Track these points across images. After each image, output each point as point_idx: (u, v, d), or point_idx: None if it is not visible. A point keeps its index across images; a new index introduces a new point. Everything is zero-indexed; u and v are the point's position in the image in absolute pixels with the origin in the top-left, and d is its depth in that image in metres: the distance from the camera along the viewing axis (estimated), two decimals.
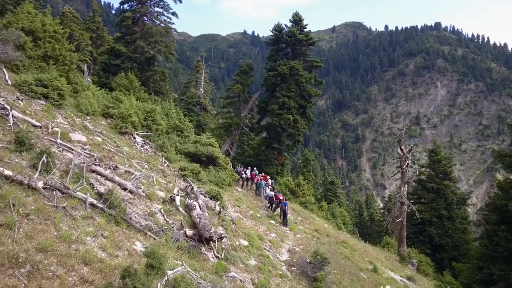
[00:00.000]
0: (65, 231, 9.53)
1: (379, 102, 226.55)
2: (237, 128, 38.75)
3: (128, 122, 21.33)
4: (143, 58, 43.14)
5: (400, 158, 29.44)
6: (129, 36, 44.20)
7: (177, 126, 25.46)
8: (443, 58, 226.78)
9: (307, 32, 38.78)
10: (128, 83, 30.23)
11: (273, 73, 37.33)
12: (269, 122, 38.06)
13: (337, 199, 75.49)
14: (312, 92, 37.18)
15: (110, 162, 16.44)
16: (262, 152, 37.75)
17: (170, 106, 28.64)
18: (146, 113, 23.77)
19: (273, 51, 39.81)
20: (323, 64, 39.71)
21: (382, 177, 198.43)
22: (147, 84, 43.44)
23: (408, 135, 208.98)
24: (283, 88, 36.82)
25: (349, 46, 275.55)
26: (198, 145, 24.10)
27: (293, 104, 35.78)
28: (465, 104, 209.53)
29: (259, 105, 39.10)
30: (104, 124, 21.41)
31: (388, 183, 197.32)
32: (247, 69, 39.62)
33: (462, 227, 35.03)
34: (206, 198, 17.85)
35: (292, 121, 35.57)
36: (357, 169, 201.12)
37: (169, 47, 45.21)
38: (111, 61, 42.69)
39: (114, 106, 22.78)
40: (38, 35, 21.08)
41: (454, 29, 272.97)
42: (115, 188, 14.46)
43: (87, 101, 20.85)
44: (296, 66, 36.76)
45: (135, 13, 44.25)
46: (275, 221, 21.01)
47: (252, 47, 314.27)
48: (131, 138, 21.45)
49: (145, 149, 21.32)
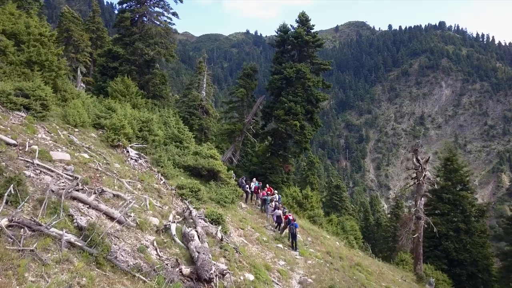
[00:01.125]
0: (31, 283, 7.38)
1: (383, 102, 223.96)
2: (241, 134, 36.60)
3: (121, 134, 19.19)
4: (142, 60, 41.05)
5: (415, 169, 27.19)
6: (127, 38, 42.10)
7: (176, 136, 23.34)
8: (447, 58, 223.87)
9: (314, 33, 36.55)
10: (124, 88, 28.12)
11: (279, 77, 35.11)
12: (274, 128, 35.88)
13: (343, 203, 73.37)
14: (319, 96, 34.93)
15: (97, 184, 14.29)
16: (267, 160, 35.57)
17: (168, 113, 26.55)
18: (142, 123, 21.64)
19: (278, 53, 37.58)
20: (331, 67, 37.50)
21: (386, 178, 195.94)
22: (146, 87, 41.34)
23: (413, 135, 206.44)
24: (289, 92, 34.61)
25: (353, 46, 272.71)
26: (198, 157, 21.95)
27: (299, 110, 33.57)
28: (470, 104, 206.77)
29: (264, 110, 36.92)
30: (94, 136, 19.29)
31: (392, 184, 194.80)
32: (251, 72, 37.42)
33: (481, 241, 32.63)
34: (206, 223, 15.67)
35: (299, 127, 33.36)
36: (361, 169, 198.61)
37: (170, 48, 43.08)
38: (108, 64, 40.62)
39: (106, 116, 20.66)
40: (22, 39, 18.99)
41: (459, 29, 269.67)
42: (100, 219, 12.36)
43: (75, 112, 18.72)
44: (303, 69, 34.54)
45: (133, 14, 42.14)
46: (283, 244, 18.83)
47: (255, 47, 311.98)
48: (124, 151, 19.33)
49: (140, 164, 19.19)
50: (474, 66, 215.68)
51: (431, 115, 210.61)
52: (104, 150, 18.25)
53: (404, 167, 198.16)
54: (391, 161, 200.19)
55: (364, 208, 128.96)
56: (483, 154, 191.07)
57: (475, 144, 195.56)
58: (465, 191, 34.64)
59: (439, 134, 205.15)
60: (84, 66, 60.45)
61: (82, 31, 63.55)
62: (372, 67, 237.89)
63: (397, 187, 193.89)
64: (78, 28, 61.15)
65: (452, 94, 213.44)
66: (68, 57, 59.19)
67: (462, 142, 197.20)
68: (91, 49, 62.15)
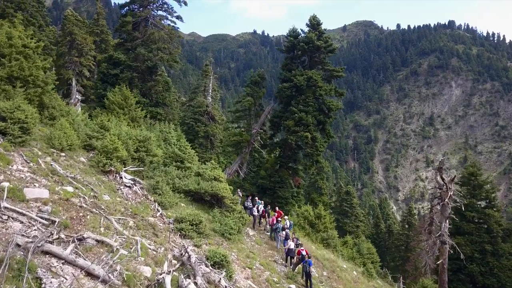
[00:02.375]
0: None
1: (392, 103, 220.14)
2: (248, 145, 34.27)
3: (114, 157, 16.95)
4: (144, 67, 38.90)
5: (440, 188, 24.64)
6: (129, 43, 40.02)
7: (177, 155, 21.07)
8: (457, 57, 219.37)
9: (325, 37, 34.03)
10: (123, 100, 25.91)
11: (288, 85, 32.66)
12: (284, 138, 33.50)
13: (353, 209, 70.81)
14: (332, 105, 32.42)
15: (78, 228, 12.02)
16: (276, 173, 33.17)
17: (169, 129, 24.29)
18: (139, 143, 19.39)
19: (287, 59, 35.11)
20: (344, 74, 34.98)
21: (395, 180, 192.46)
22: (148, 95, 39.21)
23: (422, 136, 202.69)
24: (299, 101, 32.17)
25: (361, 46, 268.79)
26: (201, 180, 19.63)
27: (311, 120, 31.11)
28: (481, 104, 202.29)
29: (272, 120, 34.53)
30: (83, 161, 17.08)
31: (401, 186, 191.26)
32: (259, 80, 35.02)
33: (510, 264, 29.82)
34: (207, 268, 13.32)
35: (310, 139, 30.90)
36: (370, 171, 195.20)
37: (173, 54, 40.91)
38: (109, 71, 38.57)
39: (99, 135, 18.45)
40: (3, 51, 16.83)
41: (469, 27, 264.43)
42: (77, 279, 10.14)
43: (62, 133, 16.51)
44: (314, 76, 32.06)
45: (136, 18, 40.00)
46: (296, 284, 16.47)
47: (262, 47, 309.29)
48: (116, 177, 17.09)
49: (134, 192, 16.93)
50: (485, 65, 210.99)
51: (441, 116, 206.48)
52: (93, 178, 16.02)
53: (413, 168, 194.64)
54: (400, 162, 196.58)
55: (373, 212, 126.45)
56: (494, 155, 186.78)
57: (486, 145, 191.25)
58: (491, 208, 31.77)
59: (449, 135, 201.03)
60: (87, 69, 58.57)
61: (86, 34, 61.64)
62: (380, 67, 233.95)
63: (406, 188, 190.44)
64: (82, 31, 59.22)
65: (462, 94, 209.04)
66: (71, 61, 57.33)
67: (473, 143, 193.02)
68: (95, 53, 60.24)
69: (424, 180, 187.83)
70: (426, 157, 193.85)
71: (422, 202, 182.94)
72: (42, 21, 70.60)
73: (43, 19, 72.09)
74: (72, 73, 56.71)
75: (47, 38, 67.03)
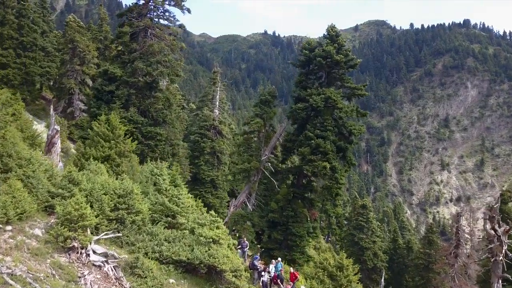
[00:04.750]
0: None
1: (405, 104, 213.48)
2: (257, 173, 29.84)
3: (79, 228, 12.71)
4: (142, 82, 34.67)
5: (490, 239, 19.98)
6: (126, 56, 35.79)
7: (167, 208, 16.80)
8: (473, 57, 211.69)
9: (346, 50, 29.35)
10: (109, 130, 21.74)
11: (303, 106, 28.06)
12: (298, 165, 28.99)
13: (369, 224, 66.05)
14: (354, 130, 27.73)
15: None
16: (289, 205, 28.66)
17: (161, 168, 19.99)
18: (118, 198, 15.14)
19: (302, 75, 30.47)
20: (367, 93, 30.33)
21: (409, 183, 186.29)
22: (147, 113, 35.02)
23: (437, 138, 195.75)
24: (316, 125, 27.58)
25: (373, 46, 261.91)
26: (195, 245, 15.25)
27: (329, 147, 26.51)
28: (498, 105, 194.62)
29: (285, 144, 30.04)
30: (38, 235, 12.86)
31: (415, 189, 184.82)
32: (269, 98, 30.49)
33: None
34: None
35: (329, 169, 26.33)
36: (383, 174, 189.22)
37: (175, 67, 36.68)
38: (103, 87, 34.43)
39: (65, 192, 14.28)
40: None
41: (484, 26, 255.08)
42: None
43: (10, 199, 12.33)
44: (333, 96, 27.42)
45: (133, 28, 35.77)
46: None
47: (273, 47, 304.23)
48: (81, 255, 12.88)
49: (104, 276, 12.67)
50: (502, 65, 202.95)
51: (456, 117, 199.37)
52: (47, 263, 11.73)
53: (428, 171, 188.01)
54: (414, 165, 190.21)
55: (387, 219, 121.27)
56: None
57: (503, 147, 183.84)
58: None
59: (464, 137, 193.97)
60: (90, 78, 54.86)
61: (89, 40, 57.95)
62: (393, 68, 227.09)
63: (420, 192, 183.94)
64: (84, 38, 55.51)
65: (479, 95, 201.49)
66: (73, 69, 53.59)
67: (490, 145, 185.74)
68: (98, 60, 56.51)
69: (439, 184, 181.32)
70: (441, 159, 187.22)
71: (437, 206, 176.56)
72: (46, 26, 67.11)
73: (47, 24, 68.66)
74: (74, 82, 52.98)
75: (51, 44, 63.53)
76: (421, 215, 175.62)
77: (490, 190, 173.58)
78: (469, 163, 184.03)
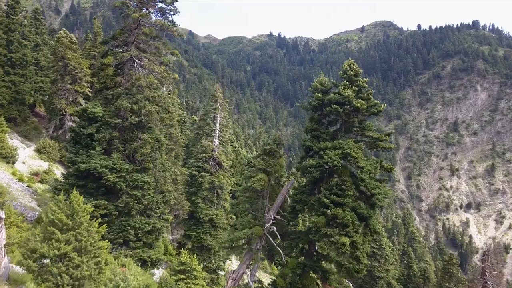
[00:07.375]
0: None
1: (413, 107, 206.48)
2: (260, 240, 24.49)
3: None
4: (127, 123, 29.16)
5: None
6: (109, 91, 30.24)
7: None
8: (483, 59, 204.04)
9: (367, 93, 23.82)
10: (69, 216, 16.50)
11: (315, 163, 22.44)
12: (309, 231, 23.56)
13: (382, 251, 60.60)
14: (379, 194, 22.26)
15: None
16: (299, 281, 23.29)
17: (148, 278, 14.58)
18: None
19: (313, 121, 24.84)
20: (393, 145, 24.83)
21: (418, 189, 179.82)
22: (132, 159, 29.57)
23: (446, 143, 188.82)
24: (332, 188, 22.09)
25: (380, 47, 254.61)
26: None
27: (349, 218, 21.04)
28: (509, 108, 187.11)
29: (294, 205, 24.59)
30: None
31: (424, 195, 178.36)
32: (275, 148, 25.05)
33: None
34: None
35: (350, 245, 20.89)
36: (391, 179, 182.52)
37: (166, 103, 31.24)
38: (81, 130, 28.98)
39: None
40: None
41: (494, 28, 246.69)
42: None
43: None
44: (352, 153, 21.88)
45: (118, 59, 30.22)
46: None
47: (278, 49, 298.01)
48: None
49: None
50: None
51: (466, 121, 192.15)
52: None
53: (437, 177, 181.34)
54: (422, 170, 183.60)
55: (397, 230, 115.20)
56: None
57: None
58: None
59: (474, 141, 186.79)
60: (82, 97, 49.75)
61: (81, 57, 52.82)
62: (401, 70, 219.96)
63: (429, 198, 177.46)
64: (76, 54, 50.28)
65: (489, 98, 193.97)
66: (64, 88, 48.47)
67: (501, 150, 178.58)
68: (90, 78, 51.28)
69: (449, 190, 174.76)
70: (451, 165, 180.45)
71: (447, 213, 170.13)
72: (39, 39, 62.14)
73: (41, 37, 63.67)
74: (65, 102, 47.90)
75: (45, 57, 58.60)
76: (431, 222, 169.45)
77: (501, 197, 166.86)
78: (479, 168, 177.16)
